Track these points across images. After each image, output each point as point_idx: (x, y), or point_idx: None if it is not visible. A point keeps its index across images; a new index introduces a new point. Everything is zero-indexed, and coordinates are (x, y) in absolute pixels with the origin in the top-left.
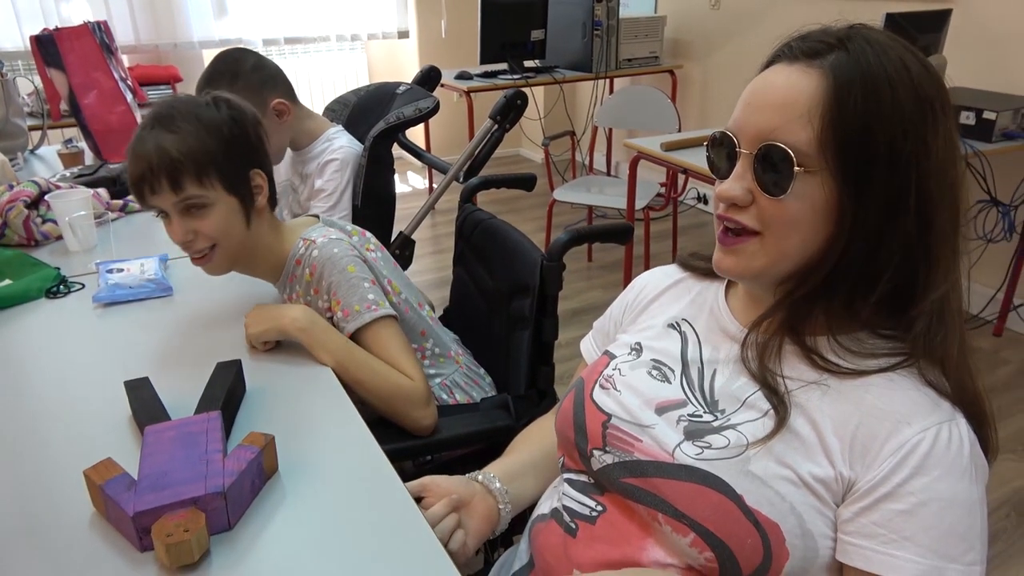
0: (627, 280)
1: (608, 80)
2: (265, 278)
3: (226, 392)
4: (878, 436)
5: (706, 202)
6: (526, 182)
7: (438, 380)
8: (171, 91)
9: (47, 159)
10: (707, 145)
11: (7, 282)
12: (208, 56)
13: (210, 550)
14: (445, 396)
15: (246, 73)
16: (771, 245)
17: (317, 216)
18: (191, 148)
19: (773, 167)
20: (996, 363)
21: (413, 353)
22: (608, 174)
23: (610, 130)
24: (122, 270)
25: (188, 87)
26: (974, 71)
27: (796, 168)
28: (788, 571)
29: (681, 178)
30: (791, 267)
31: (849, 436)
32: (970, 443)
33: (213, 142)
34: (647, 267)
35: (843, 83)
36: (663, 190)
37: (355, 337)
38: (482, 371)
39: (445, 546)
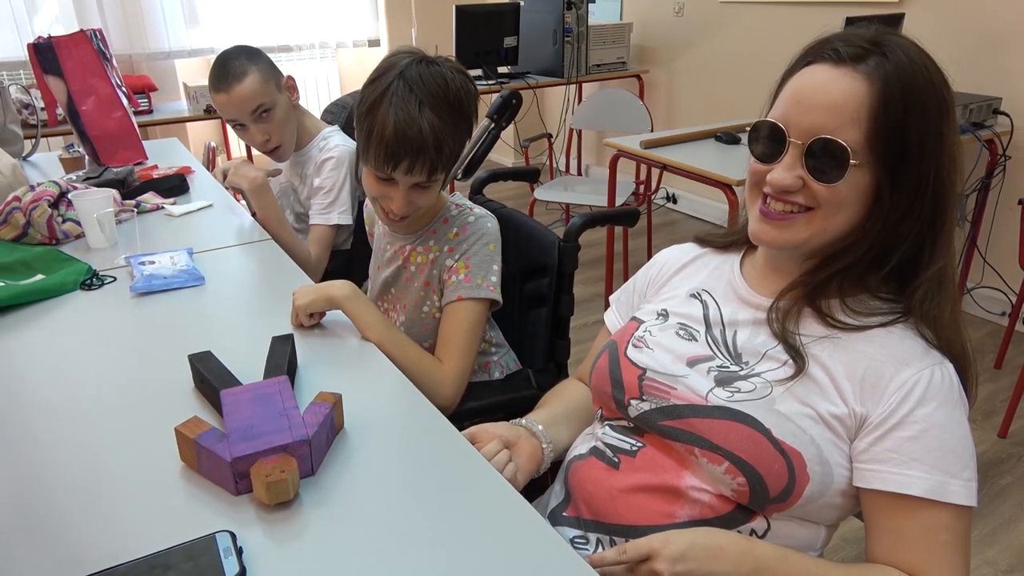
0: (609, 275)
1: (578, 85)
2: (404, 231)
3: (287, 361)
4: (884, 376)
5: (675, 201)
6: (529, 174)
7: (495, 358)
8: (147, 100)
9: (40, 166)
10: (750, 130)
11: (40, 277)
12: (181, 65)
13: (299, 491)
14: (498, 374)
15: (259, 52)
16: (819, 220)
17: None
18: (454, 141)
19: (828, 159)
20: None
21: (476, 344)
22: (579, 175)
23: (579, 133)
24: (153, 262)
25: (162, 96)
26: None
27: (852, 162)
28: (808, 494)
29: (655, 177)
30: (827, 241)
31: (859, 378)
32: (957, 382)
33: (465, 131)
34: (626, 264)
35: (888, 89)
36: (635, 189)
37: (455, 302)
38: (514, 355)
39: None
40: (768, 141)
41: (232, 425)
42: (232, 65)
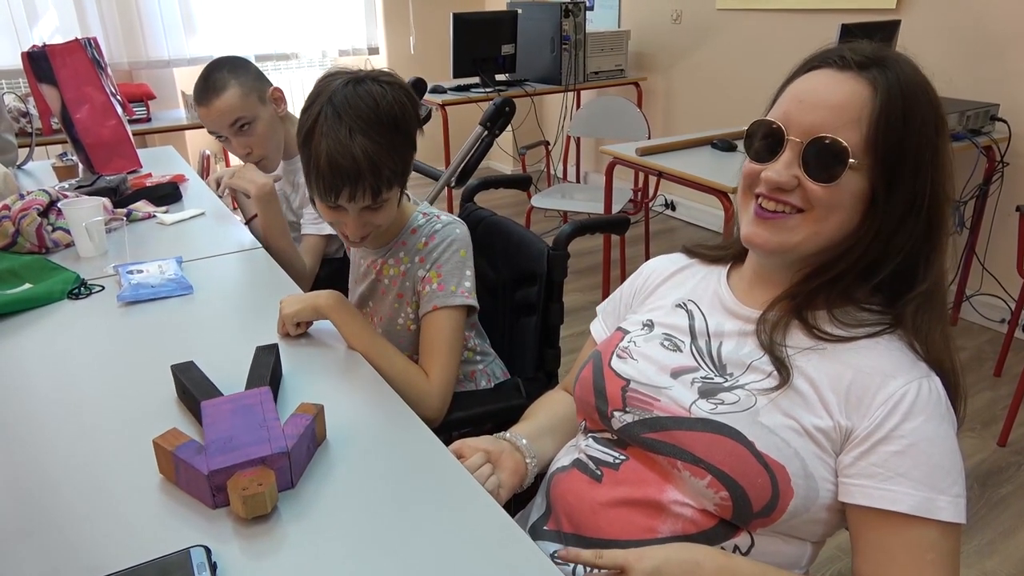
0: (605, 282)
1: (575, 92)
2: (371, 246)
3: (271, 371)
4: (869, 389)
5: (673, 208)
6: (522, 182)
7: (480, 367)
8: (145, 109)
9: (35, 174)
10: (747, 130)
11: (27, 286)
12: (179, 74)
13: (278, 505)
14: (484, 383)
15: (245, 63)
16: (811, 223)
17: (407, 194)
18: (394, 159)
19: (825, 157)
20: None
21: (458, 352)
22: (577, 182)
23: (578, 140)
24: (141, 271)
25: (161, 104)
26: None
27: (851, 161)
28: (792, 509)
29: (652, 185)
30: (819, 247)
31: (844, 391)
32: (944, 397)
33: (406, 145)
34: (623, 271)
35: (889, 96)
36: (633, 196)
37: (432, 312)
38: (502, 362)
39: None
40: (766, 140)
41: (211, 437)
42: (213, 79)
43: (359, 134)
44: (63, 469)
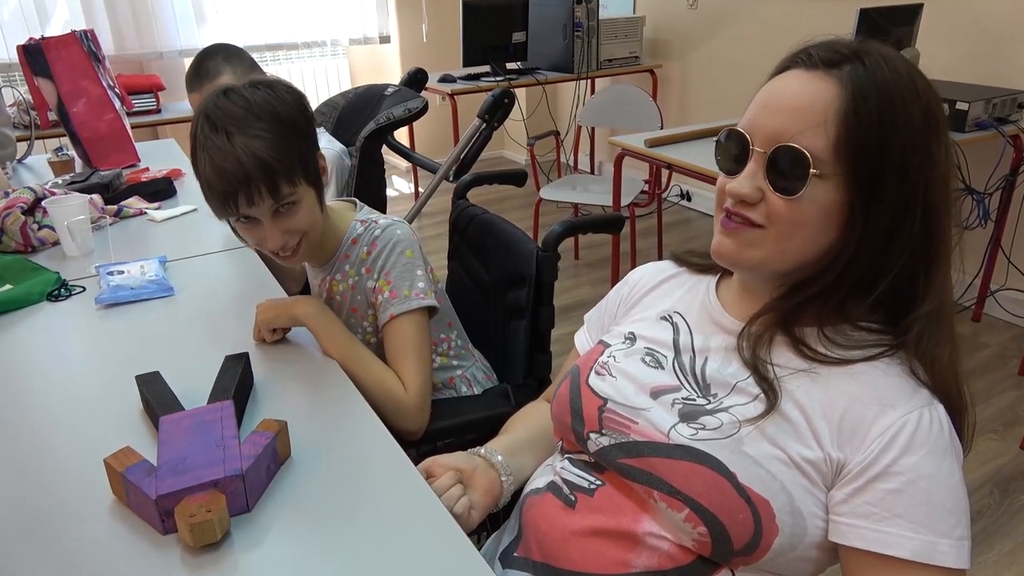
0: (615, 276)
1: (589, 80)
2: (314, 262)
3: (236, 383)
4: (865, 419)
5: (689, 199)
6: (517, 177)
7: (459, 372)
8: (154, 100)
9: (35, 169)
10: (717, 141)
11: (7, 287)
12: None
13: (231, 531)
14: (465, 389)
15: (239, 52)
16: (773, 241)
17: (354, 202)
18: (281, 150)
19: (788, 168)
20: (976, 347)
21: (428, 356)
22: (592, 173)
23: (593, 129)
24: (123, 272)
25: (171, 95)
26: (946, 64)
27: (812, 171)
28: (777, 547)
29: (664, 175)
30: (788, 266)
31: (837, 420)
32: (948, 427)
33: (294, 136)
34: (633, 264)
35: (860, 93)
36: (647, 187)
37: (390, 322)
38: (488, 365)
39: (451, 511)
40: (734, 152)
41: (164, 457)
42: (207, 65)
43: (237, 134)
44: (15, 489)
